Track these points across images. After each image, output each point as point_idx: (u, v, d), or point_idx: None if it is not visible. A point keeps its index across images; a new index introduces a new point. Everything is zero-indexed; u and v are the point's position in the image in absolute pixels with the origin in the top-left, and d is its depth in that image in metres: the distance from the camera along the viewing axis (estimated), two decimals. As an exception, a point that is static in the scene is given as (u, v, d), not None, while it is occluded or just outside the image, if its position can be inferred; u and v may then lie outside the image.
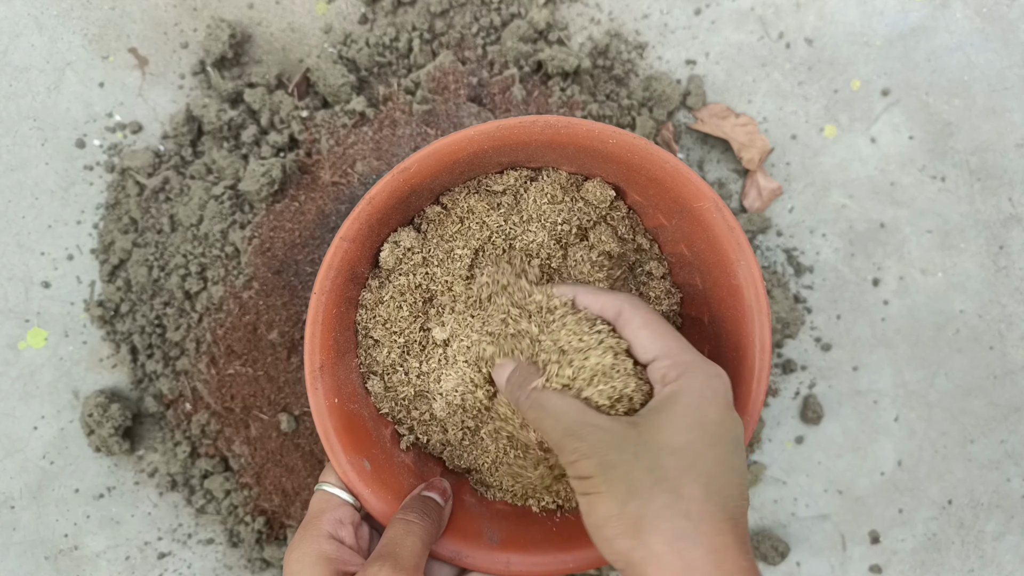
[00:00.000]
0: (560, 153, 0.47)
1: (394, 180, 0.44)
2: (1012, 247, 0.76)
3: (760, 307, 0.46)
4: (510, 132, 0.44)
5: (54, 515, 0.70)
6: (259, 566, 0.70)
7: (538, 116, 0.44)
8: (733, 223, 0.46)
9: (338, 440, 0.46)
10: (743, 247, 0.46)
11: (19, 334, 0.70)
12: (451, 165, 0.46)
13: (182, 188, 0.69)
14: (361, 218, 0.45)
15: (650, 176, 0.46)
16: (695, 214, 0.46)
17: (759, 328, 0.46)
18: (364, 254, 0.47)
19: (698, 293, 0.51)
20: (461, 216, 0.50)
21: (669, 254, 0.52)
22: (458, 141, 0.44)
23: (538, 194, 0.49)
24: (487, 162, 0.47)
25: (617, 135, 0.44)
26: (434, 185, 0.47)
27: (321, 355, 0.46)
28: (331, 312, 0.46)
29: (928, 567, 0.76)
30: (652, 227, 0.52)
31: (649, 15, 0.74)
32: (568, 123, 0.44)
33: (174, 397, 0.69)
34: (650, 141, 0.45)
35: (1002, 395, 0.76)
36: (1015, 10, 0.75)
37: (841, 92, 0.75)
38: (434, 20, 0.71)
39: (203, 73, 0.71)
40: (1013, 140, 0.76)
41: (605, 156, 0.46)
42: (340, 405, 0.47)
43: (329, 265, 0.45)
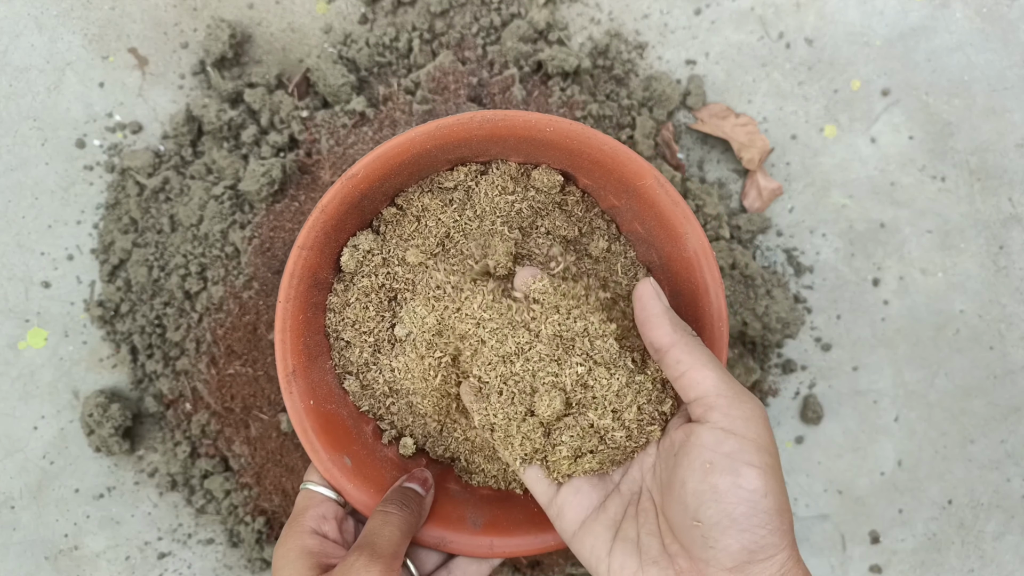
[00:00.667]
0: (504, 145, 0.49)
1: (344, 187, 0.46)
2: (1012, 247, 0.76)
3: (713, 278, 0.48)
4: (450, 130, 0.46)
5: (54, 515, 0.70)
6: (259, 566, 0.70)
7: (475, 112, 0.46)
8: (677, 198, 0.47)
9: (317, 439, 0.48)
10: (689, 220, 0.48)
11: (19, 334, 0.70)
12: (398, 167, 0.47)
13: (182, 188, 0.69)
14: (316, 227, 0.47)
15: (593, 159, 0.48)
16: (640, 192, 0.48)
17: (715, 298, 0.48)
18: (324, 260, 0.49)
19: (657, 269, 0.53)
20: (417, 215, 0.51)
21: (627, 233, 0.53)
22: (401, 143, 0.46)
23: (489, 187, 0.50)
24: (435, 160, 0.49)
25: (554, 123, 0.46)
26: (385, 187, 0.49)
27: (292, 360, 0.48)
28: (298, 318, 0.48)
29: (928, 567, 0.76)
30: (607, 208, 0.53)
31: (649, 15, 0.74)
32: (504, 116, 0.46)
33: (174, 397, 0.69)
34: (587, 126, 0.47)
35: (1002, 395, 0.76)
36: (1015, 10, 0.75)
37: (841, 92, 0.75)
38: (434, 20, 0.71)
39: (203, 73, 0.71)
40: (1013, 140, 0.76)
41: (547, 144, 0.47)
42: (316, 406, 0.49)
43: (291, 273, 0.47)
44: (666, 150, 0.73)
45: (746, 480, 0.34)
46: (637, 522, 0.41)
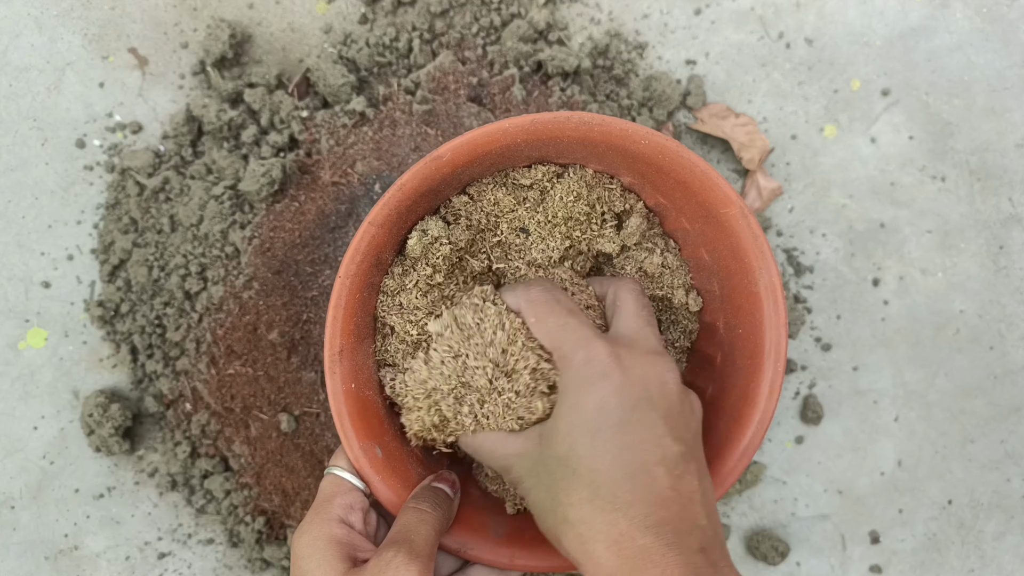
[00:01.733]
0: (590, 151, 0.47)
1: (426, 167, 0.45)
2: (1012, 247, 0.76)
3: (779, 318, 0.46)
4: (544, 127, 0.44)
5: (54, 515, 0.70)
6: (259, 566, 0.70)
7: (572, 112, 0.44)
8: (758, 231, 0.46)
9: (352, 425, 0.46)
10: (766, 256, 0.46)
11: (19, 334, 0.70)
12: (483, 156, 0.46)
13: (182, 188, 0.69)
14: (391, 204, 0.45)
15: (678, 179, 0.46)
16: (720, 220, 0.46)
17: (776, 339, 0.46)
18: (390, 240, 0.47)
19: (714, 299, 0.51)
20: (487, 209, 0.50)
21: (688, 258, 0.52)
22: (492, 132, 0.44)
23: (564, 192, 0.49)
24: (517, 155, 0.48)
25: (650, 136, 0.44)
26: (463, 175, 0.48)
27: (342, 339, 0.46)
28: (354, 297, 0.46)
29: (928, 567, 0.76)
30: (671, 230, 0.52)
31: (649, 15, 0.74)
32: (602, 121, 0.44)
33: (174, 397, 0.69)
34: (682, 144, 0.45)
35: (1002, 395, 0.76)
36: (1015, 10, 0.75)
37: (841, 92, 0.75)
38: (434, 20, 0.71)
39: (203, 73, 0.71)
40: (1013, 140, 0.76)
41: (635, 156, 0.46)
42: (356, 391, 0.47)
43: (356, 249, 0.45)
44: (666, 150, 0.73)
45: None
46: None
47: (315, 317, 0.67)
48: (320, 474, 0.67)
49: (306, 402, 0.67)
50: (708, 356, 0.52)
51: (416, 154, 0.68)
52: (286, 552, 0.69)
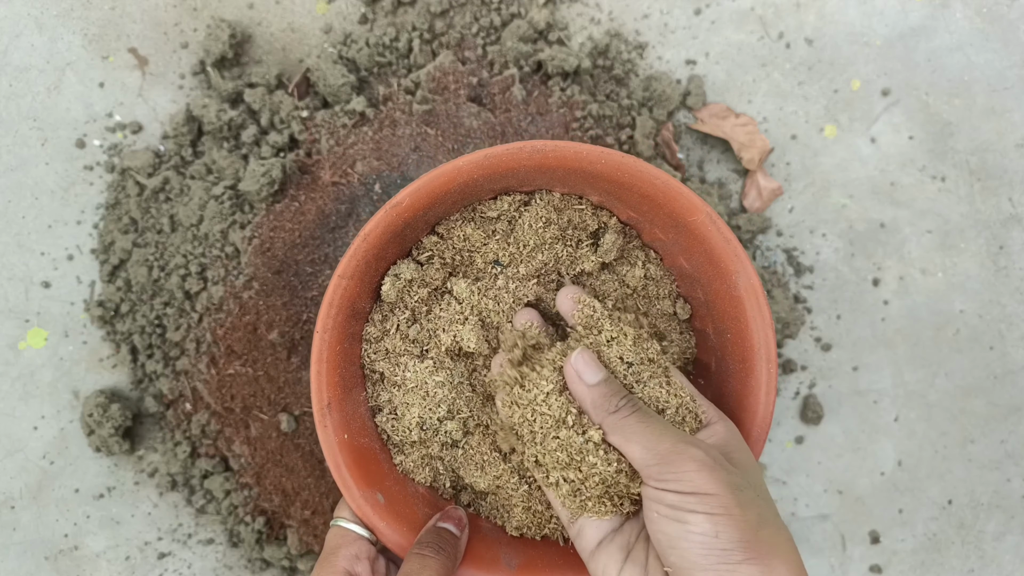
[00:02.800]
0: (551, 176, 0.47)
1: (387, 215, 0.45)
2: (1012, 247, 0.76)
3: (763, 318, 0.46)
4: (498, 160, 0.45)
5: (54, 515, 0.70)
6: (259, 566, 0.70)
7: (525, 142, 0.45)
8: (729, 235, 0.46)
9: (350, 475, 0.46)
10: (741, 258, 0.46)
11: (19, 334, 0.70)
12: (443, 196, 0.46)
13: (182, 188, 0.69)
14: (358, 255, 0.45)
15: (642, 193, 0.46)
16: (690, 228, 0.46)
17: (764, 339, 0.46)
18: (364, 289, 0.48)
19: (701, 305, 0.51)
20: (458, 245, 0.50)
21: (670, 267, 0.52)
22: (447, 172, 0.45)
23: (532, 219, 0.49)
24: (479, 190, 0.48)
25: (605, 156, 0.44)
26: (428, 216, 0.48)
27: (328, 392, 0.46)
28: (335, 349, 0.46)
29: (928, 567, 0.76)
30: (650, 241, 0.52)
31: (649, 15, 0.74)
32: (555, 147, 0.44)
33: (174, 397, 0.69)
34: (639, 159, 0.45)
35: (1002, 395, 0.76)
36: (1015, 10, 0.75)
37: (841, 92, 0.75)
38: (434, 20, 0.71)
39: (203, 73, 0.71)
40: (1013, 140, 0.76)
41: (595, 176, 0.46)
42: (350, 440, 0.47)
43: (330, 303, 0.45)
44: (666, 150, 0.73)
45: (694, 526, 0.37)
46: (647, 546, 0.41)
47: (315, 317, 0.67)
48: (320, 474, 0.67)
49: (306, 402, 0.67)
50: (703, 363, 0.52)
51: (416, 154, 0.68)
52: (286, 552, 0.69)
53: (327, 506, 0.68)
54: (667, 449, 0.39)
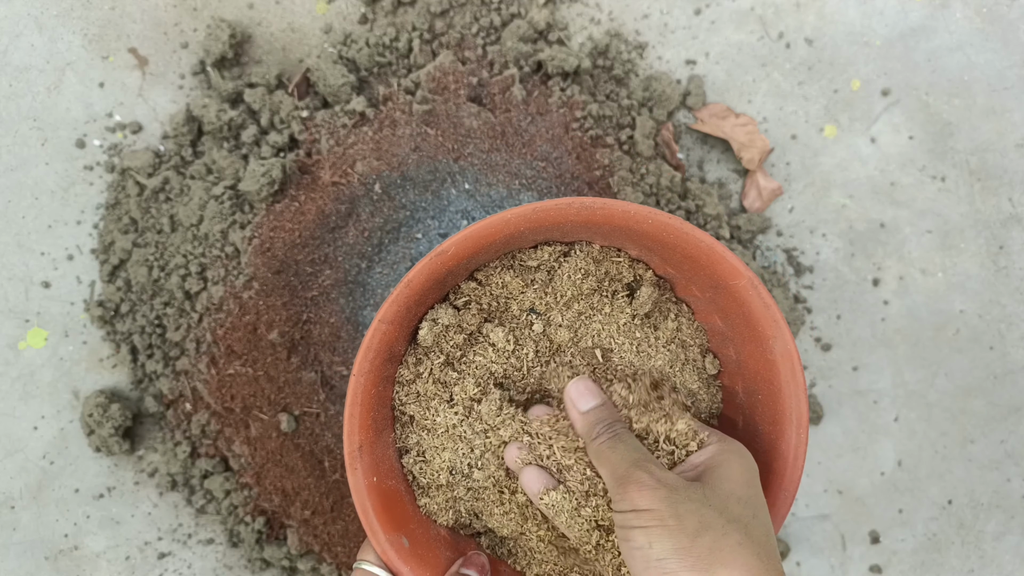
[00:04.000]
0: (594, 231, 0.48)
1: (432, 263, 0.45)
2: (1012, 247, 0.76)
3: (797, 384, 0.47)
4: (547, 214, 0.45)
5: (54, 515, 0.70)
6: (259, 566, 0.70)
7: (574, 199, 0.45)
8: (769, 300, 0.46)
9: (377, 519, 0.46)
10: (779, 324, 0.46)
11: (19, 334, 0.70)
12: (488, 246, 0.47)
13: (182, 188, 0.69)
14: (399, 300, 0.46)
15: (685, 253, 0.47)
16: (731, 291, 0.47)
17: (796, 404, 0.46)
18: (402, 334, 0.48)
19: (732, 363, 0.51)
20: (496, 292, 0.51)
21: (702, 323, 0.53)
22: (495, 224, 0.45)
23: (572, 270, 0.50)
24: (522, 240, 0.49)
25: (652, 216, 0.45)
26: (469, 264, 0.49)
27: (360, 435, 0.46)
28: (369, 392, 0.47)
29: (928, 567, 0.76)
30: (683, 296, 0.53)
31: (649, 15, 0.74)
32: (604, 204, 0.45)
33: (174, 397, 0.69)
34: (685, 221, 0.46)
35: (1002, 395, 0.76)
36: (1015, 10, 0.75)
37: (841, 92, 0.75)
38: (434, 20, 0.71)
39: (203, 73, 0.71)
40: (1013, 140, 0.76)
41: (639, 234, 0.47)
42: (379, 483, 0.47)
43: (368, 347, 0.46)
44: (666, 150, 0.73)
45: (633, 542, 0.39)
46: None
47: (315, 317, 0.67)
48: (319, 474, 0.67)
49: (306, 402, 0.67)
50: (730, 420, 0.52)
51: (416, 154, 0.68)
52: (286, 552, 0.69)
53: (327, 506, 0.68)
54: (621, 473, 0.40)
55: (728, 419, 0.52)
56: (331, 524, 0.68)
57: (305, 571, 0.69)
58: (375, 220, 0.67)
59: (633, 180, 0.70)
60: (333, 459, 0.67)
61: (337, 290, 0.67)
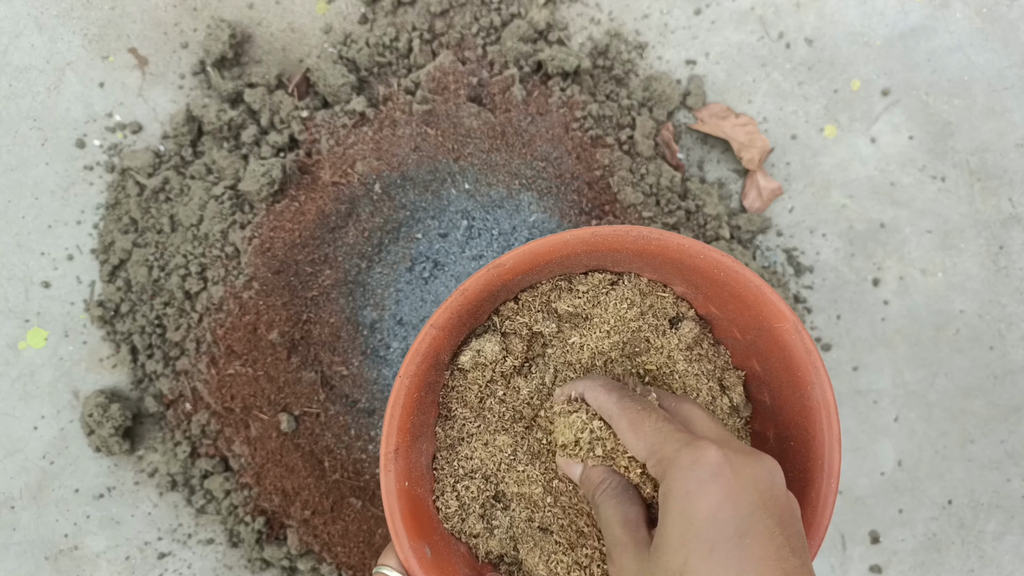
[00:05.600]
0: (646, 261, 0.49)
1: (488, 274, 0.46)
2: (1012, 247, 0.76)
3: (832, 432, 0.46)
4: (604, 239, 0.46)
5: (54, 515, 0.70)
6: (259, 566, 0.70)
7: (631, 227, 0.46)
8: (811, 347, 0.47)
9: (403, 524, 0.46)
10: (819, 371, 0.46)
11: (19, 334, 0.70)
12: (544, 264, 0.48)
13: (182, 188, 0.69)
14: (453, 308, 0.46)
15: (732, 293, 0.47)
16: (773, 334, 0.47)
17: (829, 454, 0.46)
18: (451, 342, 0.49)
19: (765, 409, 0.51)
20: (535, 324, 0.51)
21: (739, 366, 0.53)
22: (554, 243, 0.46)
23: (617, 300, 0.50)
24: (575, 263, 0.49)
25: (707, 252, 0.46)
26: (523, 281, 0.49)
27: (398, 438, 0.46)
28: (412, 396, 0.47)
29: (928, 567, 0.76)
30: (722, 338, 0.53)
31: (649, 15, 0.74)
32: (660, 236, 0.46)
33: (174, 397, 0.69)
34: (737, 260, 0.47)
35: (1002, 395, 0.76)
36: (1015, 10, 0.75)
37: (841, 92, 0.75)
38: (434, 20, 0.71)
39: (203, 73, 0.71)
40: (1013, 140, 0.76)
41: (690, 269, 0.48)
42: (410, 489, 0.47)
43: (416, 351, 0.46)
44: (666, 150, 0.73)
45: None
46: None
47: (315, 317, 0.67)
48: (319, 474, 0.67)
49: (306, 402, 0.67)
50: None
51: (416, 154, 0.68)
52: (286, 552, 0.69)
53: (327, 506, 0.68)
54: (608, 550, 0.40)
55: None
56: (331, 524, 0.68)
57: (305, 571, 0.69)
58: (375, 220, 0.68)
59: (633, 180, 0.70)
60: (333, 459, 0.67)
61: (337, 290, 0.67)
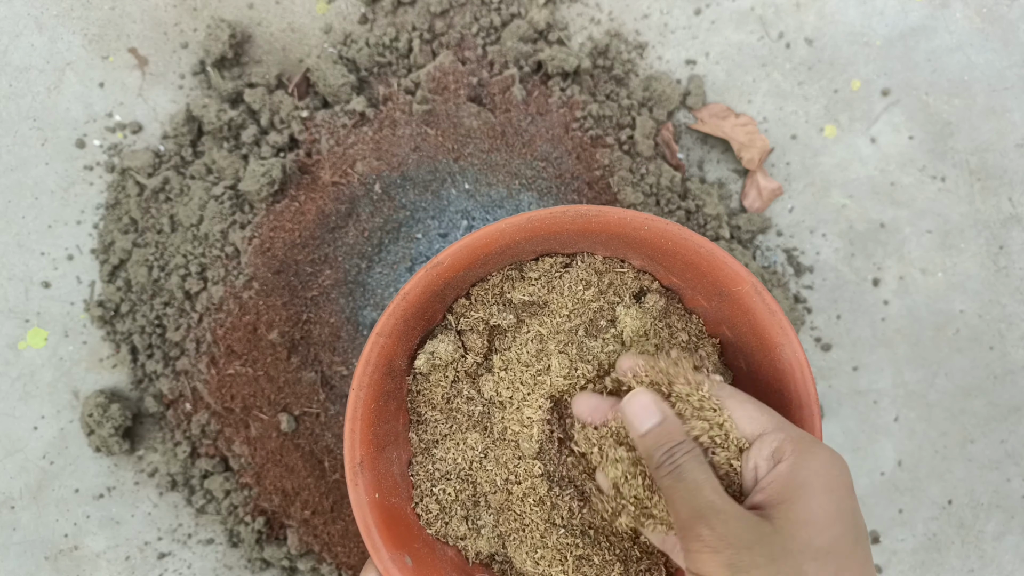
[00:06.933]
0: (593, 240, 0.48)
1: (428, 275, 0.45)
2: (1012, 247, 0.76)
3: (807, 391, 0.46)
4: (541, 223, 0.45)
5: (54, 515, 0.70)
6: (259, 566, 0.70)
7: (568, 207, 0.45)
8: (774, 307, 0.46)
9: (379, 536, 0.45)
10: (786, 330, 0.46)
11: (19, 334, 0.70)
12: (484, 257, 0.46)
13: (182, 188, 0.69)
14: (396, 314, 0.45)
15: (686, 261, 0.46)
16: (734, 297, 0.46)
17: (808, 414, 0.46)
18: (401, 348, 0.48)
19: (743, 375, 0.51)
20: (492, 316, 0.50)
21: (712, 335, 0.52)
22: (490, 234, 0.45)
23: (572, 281, 0.49)
24: (521, 251, 0.48)
25: (649, 222, 0.44)
26: (468, 276, 0.48)
27: (361, 450, 0.46)
28: (369, 407, 0.46)
29: (928, 567, 0.76)
30: (691, 307, 0.52)
31: (649, 15, 0.74)
32: (599, 211, 0.44)
33: (174, 397, 0.69)
34: (683, 227, 0.45)
35: (1002, 395, 0.76)
36: (1015, 10, 0.75)
37: (841, 92, 0.75)
38: (434, 20, 0.71)
39: (203, 73, 0.71)
40: (1013, 140, 0.76)
41: (639, 242, 0.46)
42: (381, 499, 0.47)
43: (367, 361, 0.45)
44: (666, 150, 0.73)
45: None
46: None
47: (315, 317, 0.67)
48: (319, 474, 0.67)
49: (306, 402, 0.67)
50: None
51: (416, 154, 0.68)
52: (286, 552, 0.69)
53: (327, 506, 0.68)
54: (683, 524, 0.37)
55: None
56: (331, 524, 0.68)
57: (305, 571, 0.69)
58: (375, 220, 0.68)
59: (633, 180, 0.70)
60: (333, 459, 0.67)
61: (337, 290, 0.67)
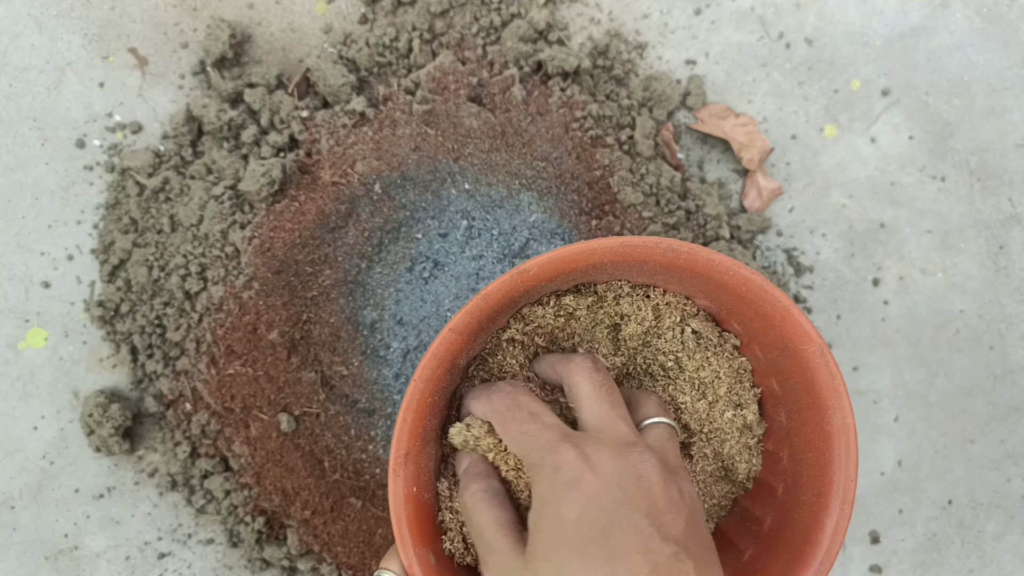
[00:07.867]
0: (672, 274, 0.48)
1: (512, 280, 0.45)
2: (1012, 247, 0.76)
3: (849, 459, 0.46)
4: (633, 250, 0.45)
5: (54, 515, 0.70)
6: (259, 566, 0.70)
7: (662, 239, 0.45)
8: (835, 371, 0.46)
9: (409, 531, 0.45)
10: (841, 396, 0.46)
11: (19, 334, 0.70)
12: (568, 273, 0.47)
13: (182, 188, 0.69)
14: (473, 312, 0.45)
15: (759, 311, 0.47)
16: (797, 355, 0.47)
17: (845, 480, 0.46)
18: (468, 347, 0.48)
19: (780, 429, 0.51)
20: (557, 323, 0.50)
21: (755, 384, 0.52)
22: (581, 251, 0.45)
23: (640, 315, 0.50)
24: (600, 273, 0.48)
25: (735, 268, 0.45)
26: (545, 288, 0.48)
27: (409, 442, 0.45)
28: (426, 400, 0.46)
29: (928, 567, 0.76)
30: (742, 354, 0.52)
31: (649, 15, 0.74)
32: (690, 249, 0.45)
33: (174, 397, 0.69)
34: (767, 279, 0.45)
35: (1002, 395, 0.76)
36: (1015, 10, 0.75)
37: (841, 92, 0.75)
38: (434, 20, 0.71)
39: (203, 73, 0.71)
40: (1013, 140, 0.76)
41: (718, 284, 0.47)
42: (417, 494, 0.47)
43: (433, 355, 0.45)
44: (666, 150, 0.73)
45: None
46: None
47: (315, 317, 0.67)
48: (319, 474, 0.67)
49: (306, 402, 0.67)
50: (769, 485, 0.52)
51: (416, 154, 0.68)
52: (286, 552, 0.69)
53: (327, 506, 0.68)
54: (480, 556, 0.41)
55: (767, 484, 0.52)
56: (331, 524, 0.68)
57: (305, 571, 0.69)
58: (375, 220, 0.68)
59: (633, 180, 0.70)
60: (333, 459, 0.67)
61: (337, 290, 0.67)
